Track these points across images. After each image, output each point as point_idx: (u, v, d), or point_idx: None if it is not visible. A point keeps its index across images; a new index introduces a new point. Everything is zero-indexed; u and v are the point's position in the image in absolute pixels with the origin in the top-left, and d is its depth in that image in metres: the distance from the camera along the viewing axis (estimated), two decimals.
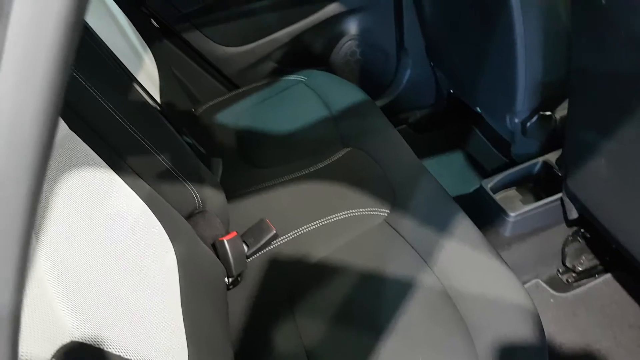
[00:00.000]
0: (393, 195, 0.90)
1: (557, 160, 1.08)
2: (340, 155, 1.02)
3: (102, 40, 0.76)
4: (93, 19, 0.80)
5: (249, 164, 1.08)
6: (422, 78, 1.51)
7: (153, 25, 1.20)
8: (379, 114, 1.12)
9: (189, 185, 0.72)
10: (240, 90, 1.30)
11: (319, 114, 1.14)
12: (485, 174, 1.44)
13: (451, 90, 1.48)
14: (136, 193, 0.58)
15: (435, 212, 0.86)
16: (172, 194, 0.68)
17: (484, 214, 1.16)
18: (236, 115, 1.22)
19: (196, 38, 1.25)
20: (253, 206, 0.94)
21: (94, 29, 0.76)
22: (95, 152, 0.55)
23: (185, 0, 1.20)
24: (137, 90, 0.74)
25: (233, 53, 1.31)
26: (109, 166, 0.56)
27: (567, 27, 0.94)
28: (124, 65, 0.81)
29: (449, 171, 1.50)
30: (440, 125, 1.60)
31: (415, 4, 1.34)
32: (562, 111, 1.10)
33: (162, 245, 0.58)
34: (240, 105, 1.25)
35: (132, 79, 0.82)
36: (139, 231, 0.55)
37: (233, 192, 0.98)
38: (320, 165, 1.01)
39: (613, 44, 0.68)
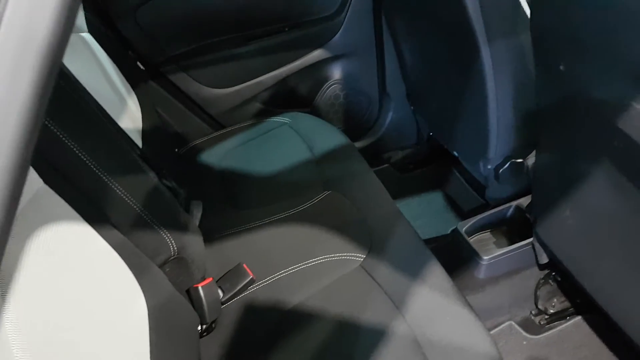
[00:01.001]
0: (370, 240, 0.93)
1: (527, 206, 1.12)
2: (320, 198, 1.05)
3: (81, 87, 0.78)
4: (75, 64, 0.83)
5: (230, 205, 1.10)
6: (404, 121, 1.56)
7: (139, 67, 1.24)
8: (360, 159, 1.15)
9: (164, 232, 0.73)
10: (225, 130, 1.33)
11: (302, 157, 1.17)
12: (463, 214, 1.47)
13: (431, 133, 1.53)
14: (109, 243, 0.60)
15: (409, 259, 0.89)
16: (147, 242, 0.69)
17: (460, 257, 1.19)
18: (220, 155, 1.24)
19: (182, 79, 1.29)
20: (232, 250, 0.96)
21: (76, 75, 0.78)
22: (69, 204, 0.56)
23: (172, 43, 1.24)
24: (116, 137, 0.76)
25: (219, 94, 1.34)
26: (83, 218, 0.57)
27: None
28: (105, 111, 0.83)
29: (429, 211, 1.53)
30: (421, 166, 1.64)
31: (396, 52, 1.40)
32: (533, 158, 1.15)
33: (133, 296, 0.60)
34: (224, 145, 1.28)
35: (112, 124, 0.84)
36: (110, 283, 0.56)
37: (212, 234, 0.99)
38: (301, 207, 1.03)
39: (572, 108, 0.72)
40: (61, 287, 0.49)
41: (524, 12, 0.90)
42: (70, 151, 0.60)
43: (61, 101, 0.63)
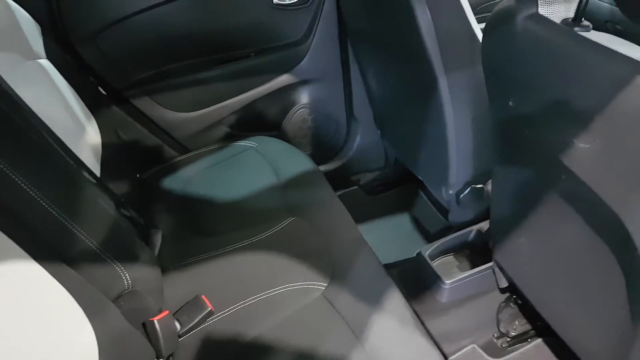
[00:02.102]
0: (332, 268, 0.93)
1: (487, 231, 1.14)
2: (284, 224, 1.04)
3: (33, 115, 0.76)
4: (32, 92, 0.81)
5: (192, 232, 1.09)
6: (372, 144, 1.58)
7: (101, 92, 1.22)
8: (326, 185, 1.16)
9: (118, 266, 0.72)
10: (189, 154, 1.32)
11: (268, 182, 1.17)
12: (429, 236, 1.49)
13: (397, 157, 1.56)
14: (59, 281, 0.58)
15: (370, 287, 0.89)
16: (99, 277, 0.68)
17: (424, 281, 1.20)
18: (184, 180, 1.23)
19: (146, 104, 1.28)
20: (191, 280, 0.94)
21: (32, 103, 0.77)
22: (16, 243, 0.55)
23: (134, 68, 1.23)
24: (68, 168, 0.74)
25: (183, 118, 1.34)
26: (31, 256, 0.56)
27: None
28: (60, 140, 0.81)
29: (396, 233, 1.54)
30: (389, 188, 1.66)
31: (362, 78, 1.42)
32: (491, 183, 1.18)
33: (81, 332, 0.58)
34: (188, 170, 1.27)
35: (67, 153, 0.82)
36: (56, 319, 0.55)
37: (172, 264, 0.98)
38: (264, 235, 1.03)
39: (522, 142, 0.75)
40: (6, 328, 0.47)
41: (480, 44, 0.93)
42: (15, 185, 0.58)
43: (6, 132, 0.61)
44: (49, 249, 0.61)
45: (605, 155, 0.56)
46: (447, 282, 1.13)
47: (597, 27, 0.60)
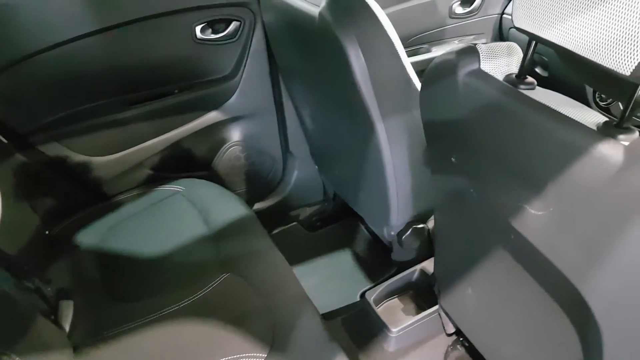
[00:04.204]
0: (272, 334, 0.84)
1: (431, 275, 1.11)
2: (218, 283, 0.95)
3: None
4: None
5: (112, 297, 0.96)
6: (310, 178, 1.53)
7: (1, 141, 1.06)
8: (262, 233, 1.07)
9: (10, 358, 0.60)
10: (106, 202, 1.19)
11: (197, 232, 1.07)
12: (373, 273, 1.45)
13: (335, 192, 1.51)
14: None
15: (313, 354, 0.82)
16: None
17: (369, 328, 1.15)
18: (100, 233, 1.09)
19: (54, 149, 1.13)
20: (111, 358, 0.82)
21: None
22: None
23: (39, 111, 1.08)
24: None
25: (99, 162, 1.20)
26: None
27: None
28: None
29: (339, 272, 1.48)
30: (329, 222, 1.61)
31: (297, 114, 1.36)
32: (432, 222, 1.16)
33: None
34: (105, 221, 1.13)
35: None
36: None
37: (87, 340, 0.85)
38: (195, 297, 0.92)
39: (465, 198, 0.71)
40: None
41: (416, 89, 0.90)
42: None
43: None
44: None
45: (559, 224, 0.53)
46: (394, 330, 1.08)
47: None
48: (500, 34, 1.60)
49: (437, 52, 1.52)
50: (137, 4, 1.07)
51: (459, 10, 1.52)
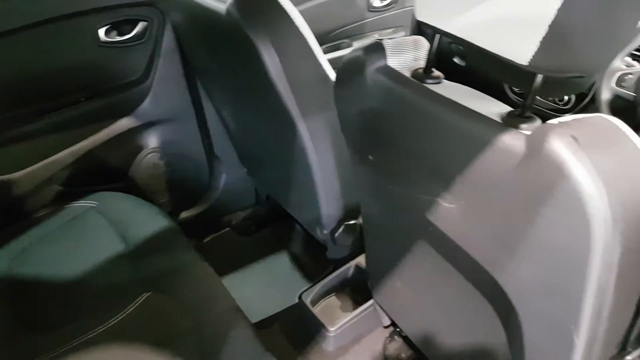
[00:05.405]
0: (201, 352, 0.80)
1: (364, 269, 1.11)
2: (138, 303, 0.88)
3: None
4: None
5: (24, 327, 0.87)
6: (239, 182, 1.48)
7: None
8: (186, 246, 1.02)
9: None
10: (12, 226, 1.07)
11: (113, 250, 1.00)
12: (310, 274, 1.43)
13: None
14: None
15: None
16: None
17: (307, 330, 1.13)
18: (8, 259, 1.00)
19: None
20: None
21: None
22: None
23: None
24: None
25: (1, 181, 1.08)
26: None
27: None
28: None
29: (275, 276, 1.45)
30: (263, 226, 1.57)
31: (220, 118, 1.31)
32: None
33: None
34: (13, 246, 1.03)
35: None
36: None
37: None
38: (114, 320, 0.86)
39: (386, 196, 0.71)
40: None
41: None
42: None
43: None
44: None
45: (471, 216, 0.53)
46: (332, 329, 1.07)
47: (441, 47, 0.56)
48: (419, 27, 1.63)
49: (357, 46, 1.52)
50: (33, 7, 0.97)
51: (376, 3, 1.53)
